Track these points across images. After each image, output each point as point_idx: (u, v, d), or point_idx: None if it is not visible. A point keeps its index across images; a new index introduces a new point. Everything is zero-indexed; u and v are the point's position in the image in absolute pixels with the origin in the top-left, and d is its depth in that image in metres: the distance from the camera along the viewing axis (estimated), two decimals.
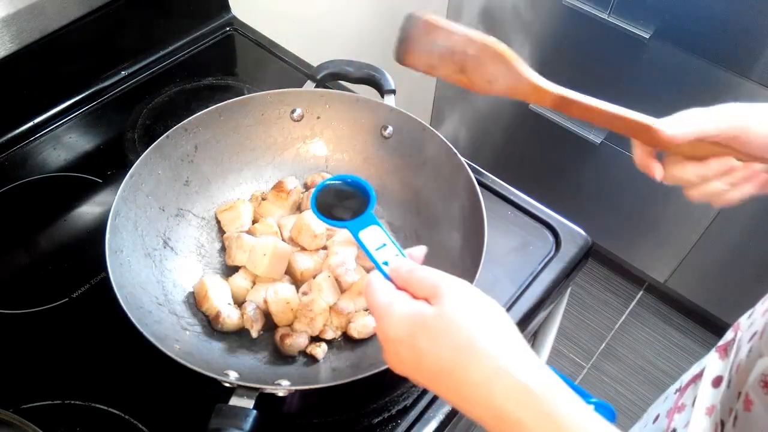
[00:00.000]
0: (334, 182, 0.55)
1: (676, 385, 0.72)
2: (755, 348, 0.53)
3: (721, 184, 0.55)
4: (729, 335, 0.64)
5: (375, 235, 0.50)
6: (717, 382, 0.60)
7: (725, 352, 0.62)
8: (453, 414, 0.64)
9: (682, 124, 0.52)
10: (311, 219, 0.72)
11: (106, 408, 0.62)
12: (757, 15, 1.18)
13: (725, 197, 0.56)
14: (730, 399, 0.54)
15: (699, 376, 0.64)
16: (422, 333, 0.40)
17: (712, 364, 0.63)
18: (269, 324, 0.68)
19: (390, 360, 0.43)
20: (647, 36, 1.31)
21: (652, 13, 1.30)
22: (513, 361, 0.38)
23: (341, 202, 0.54)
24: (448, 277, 0.43)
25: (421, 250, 0.49)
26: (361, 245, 0.50)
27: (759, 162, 0.55)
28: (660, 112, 1.54)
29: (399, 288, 0.45)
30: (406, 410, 0.64)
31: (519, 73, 0.56)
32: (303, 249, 0.72)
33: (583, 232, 0.79)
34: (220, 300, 0.67)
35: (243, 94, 0.81)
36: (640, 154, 0.57)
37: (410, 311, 0.42)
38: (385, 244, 0.49)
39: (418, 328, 0.40)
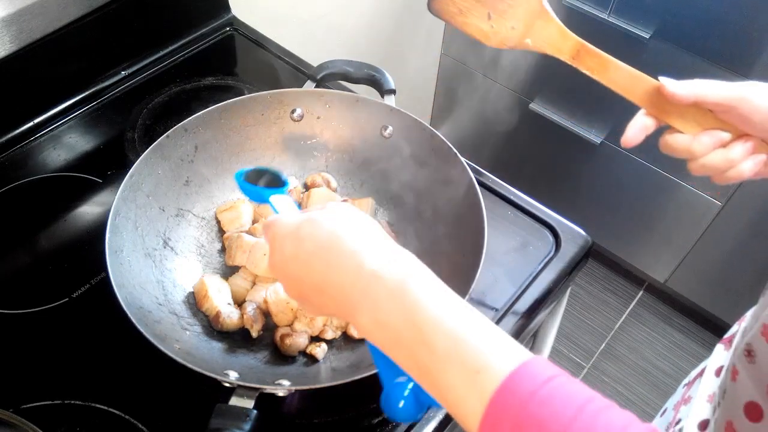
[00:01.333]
0: (259, 168, 0.60)
1: (685, 380, 0.72)
2: (748, 326, 0.53)
3: (719, 160, 0.55)
4: (735, 327, 0.64)
5: (285, 200, 0.57)
6: (719, 371, 0.61)
7: (730, 343, 0.63)
8: None
9: (686, 84, 0.54)
10: None
11: (106, 408, 0.62)
12: (757, 15, 1.18)
13: (726, 175, 0.56)
14: (725, 381, 0.54)
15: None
16: (307, 224, 0.46)
17: (717, 355, 0.63)
18: (269, 324, 0.68)
19: (274, 260, 0.48)
20: (647, 36, 1.31)
21: (652, 13, 1.30)
22: (368, 248, 0.44)
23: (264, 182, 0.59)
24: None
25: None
26: (270, 204, 0.56)
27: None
28: None
29: None
30: None
31: (547, 13, 0.60)
32: None
33: (583, 232, 0.79)
34: (220, 300, 0.67)
35: (243, 94, 0.81)
36: (637, 125, 0.58)
37: (302, 215, 0.48)
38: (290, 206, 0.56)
39: (304, 221, 0.47)
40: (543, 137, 1.67)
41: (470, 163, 0.75)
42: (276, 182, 0.59)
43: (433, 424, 0.63)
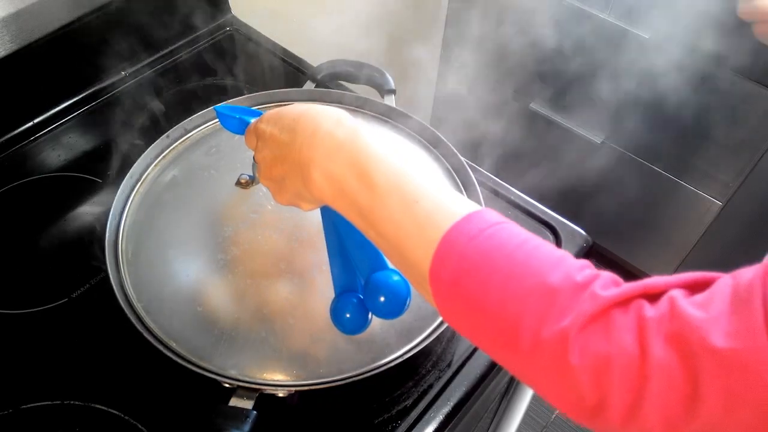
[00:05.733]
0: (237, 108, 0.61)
1: None
2: None
3: None
4: None
5: None
6: None
7: None
8: (453, 414, 0.64)
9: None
10: None
11: (106, 408, 0.62)
12: None
13: None
14: None
15: None
16: (285, 109, 0.51)
17: None
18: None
19: (257, 149, 0.52)
20: (647, 36, 1.31)
21: (652, 12, 1.30)
22: (329, 118, 0.47)
23: None
24: None
25: None
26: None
27: None
28: (660, 111, 1.54)
29: None
30: (406, 410, 0.64)
31: None
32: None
33: (583, 232, 0.79)
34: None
35: (243, 94, 0.81)
36: None
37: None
38: None
39: (282, 108, 0.51)
40: (543, 137, 1.67)
41: (470, 163, 0.75)
42: (253, 114, 0.60)
43: (434, 424, 0.63)
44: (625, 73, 1.42)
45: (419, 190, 0.41)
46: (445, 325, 0.63)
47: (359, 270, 0.51)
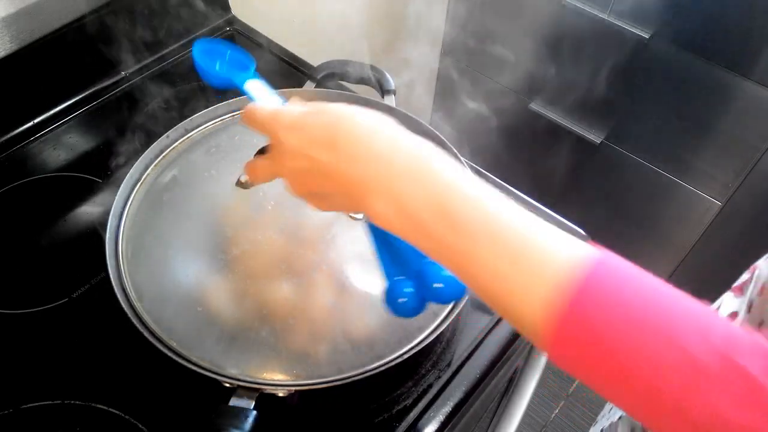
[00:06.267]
0: (217, 46, 0.56)
1: None
2: None
3: None
4: (745, 276, 0.65)
5: (260, 85, 0.53)
6: (733, 317, 0.61)
7: (741, 291, 0.63)
8: (453, 414, 0.64)
9: None
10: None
11: (106, 408, 0.62)
12: (757, 15, 1.18)
13: None
14: (752, 296, 0.55)
15: None
16: (312, 112, 0.44)
17: (728, 301, 0.63)
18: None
19: (276, 155, 0.45)
20: (647, 36, 1.31)
21: (652, 13, 1.30)
22: (380, 123, 0.42)
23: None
24: None
25: None
26: (244, 91, 0.53)
27: None
28: (660, 112, 1.54)
29: None
30: (406, 410, 0.64)
31: None
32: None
33: (583, 232, 0.79)
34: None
35: (242, 94, 0.81)
36: None
37: (306, 105, 0.45)
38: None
39: (310, 110, 0.44)
40: (543, 137, 1.67)
41: (470, 163, 0.75)
42: (237, 63, 0.54)
43: (434, 424, 0.63)
44: (624, 73, 1.42)
45: (516, 234, 0.36)
46: (444, 325, 0.63)
47: (410, 259, 0.47)
